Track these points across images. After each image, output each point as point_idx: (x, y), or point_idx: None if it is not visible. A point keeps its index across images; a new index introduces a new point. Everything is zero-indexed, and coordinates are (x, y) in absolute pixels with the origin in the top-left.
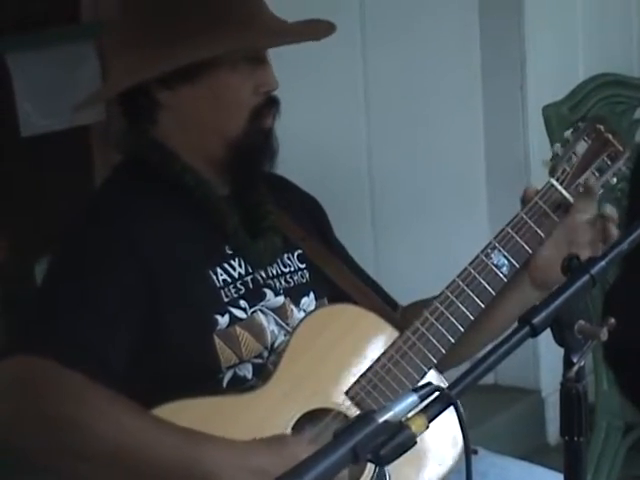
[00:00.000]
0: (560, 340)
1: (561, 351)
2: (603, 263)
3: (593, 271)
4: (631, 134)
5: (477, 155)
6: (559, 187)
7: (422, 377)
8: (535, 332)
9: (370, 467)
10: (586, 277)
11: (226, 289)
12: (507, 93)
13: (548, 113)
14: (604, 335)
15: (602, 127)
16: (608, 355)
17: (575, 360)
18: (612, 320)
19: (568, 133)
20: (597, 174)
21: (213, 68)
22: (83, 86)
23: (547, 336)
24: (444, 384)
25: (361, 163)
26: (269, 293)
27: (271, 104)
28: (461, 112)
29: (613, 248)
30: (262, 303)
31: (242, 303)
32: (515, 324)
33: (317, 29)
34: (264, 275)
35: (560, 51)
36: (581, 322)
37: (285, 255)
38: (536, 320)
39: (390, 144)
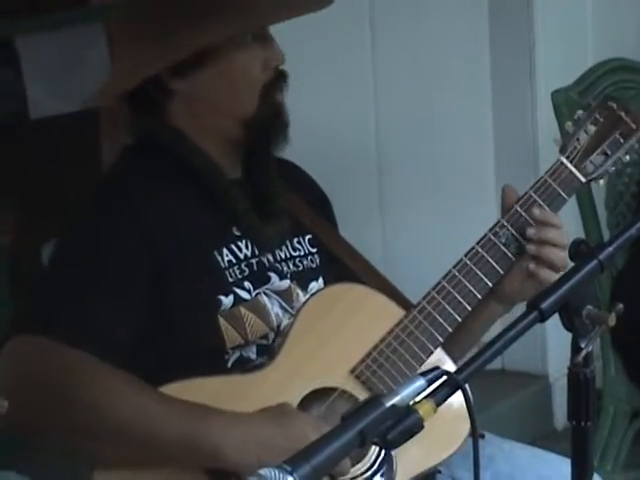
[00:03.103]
0: (568, 325)
1: (569, 336)
2: (611, 249)
3: (601, 257)
4: None
5: (486, 140)
6: (569, 165)
7: (428, 356)
8: (543, 317)
9: (374, 448)
10: (594, 262)
11: (231, 270)
12: (516, 78)
13: (557, 98)
14: (612, 321)
15: (614, 105)
16: (616, 341)
17: (583, 345)
18: (620, 306)
19: (580, 112)
20: (609, 152)
21: (223, 50)
22: (92, 69)
23: (554, 321)
24: (451, 365)
25: (369, 147)
26: (274, 276)
27: (280, 78)
28: (470, 97)
29: (622, 233)
30: (266, 286)
31: (247, 284)
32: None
33: (317, 3)
34: (271, 258)
35: (569, 36)
36: (589, 307)
37: (295, 239)
38: (544, 305)
39: (398, 129)
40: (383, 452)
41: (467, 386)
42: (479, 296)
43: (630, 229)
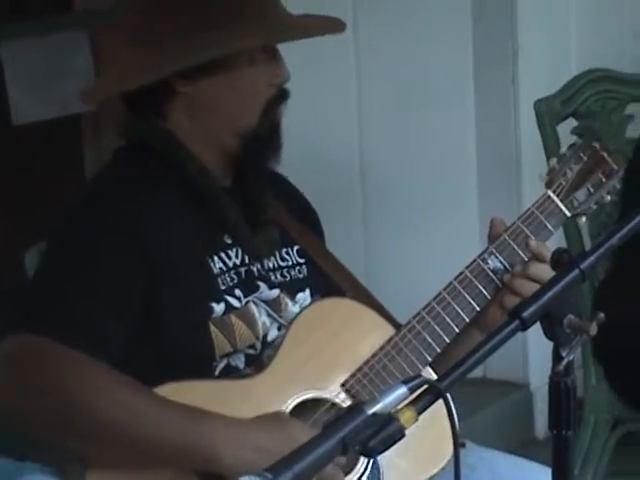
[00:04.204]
0: (550, 334)
1: (550, 345)
2: (593, 258)
3: (583, 266)
4: (622, 130)
5: (469, 149)
6: (555, 199)
7: (417, 374)
8: (525, 326)
9: (363, 460)
10: (575, 272)
11: (222, 277)
12: (499, 87)
13: (540, 107)
14: (593, 330)
15: (598, 145)
16: (597, 350)
17: (564, 354)
18: (601, 315)
19: (564, 149)
20: (592, 190)
21: (234, 61)
22: (75, 75)
23: (536, 330)
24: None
25: (353, 159)
26: (263, 285)
27: (283, 96)
28: (453, 106)
29: (603, 243)
30: (255, 295)
31: (237, 292)
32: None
33: (332, 23)
34: (260, 267)
35: (553, 45)
36: (570, 317)
37: (284, 249)
38: (526, 314)
39: (382, 139)
40: (370, 462)
41: (448, 395)
42: (467, 319)
43: (611, 238)
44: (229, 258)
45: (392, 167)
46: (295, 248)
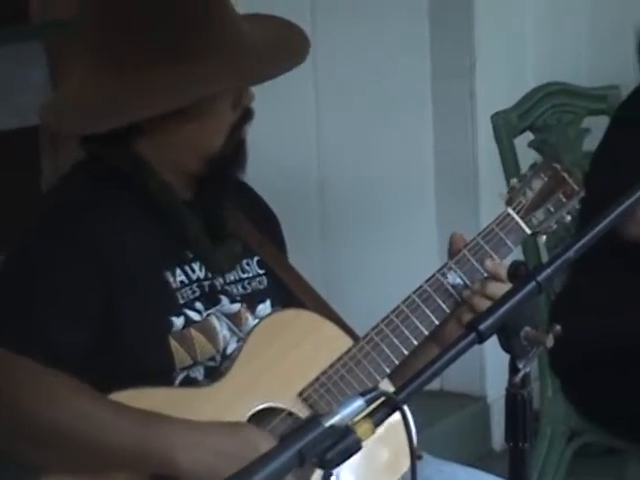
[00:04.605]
0: (506, 346)
1: (507, 357)
2: (549, 270)
3: (539, 278)
4: (579, 143)
5: (426, 161)
6: (515, 216)
7: (374, 385)
8: (481, 338)
9: (318, 473)
10: (532, 284)
11: (182, 291)
12: (457, 99)
13: (497, 121)
14: (549, 342)
15: (558, 166)
16: (554, 362)
17: (520, 366)
18: (557, 327)
19: (525, 169)
20: (552, 209)
21: (205, 99)
22: (32, 87)
23: (493, 342)
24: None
25: (311, 171)
26: (224, 299)
27: (248, 116)
28: (411, 118)
29: (560, 256)
30: (217, 308)
31: (198, 305)
32: None
33: (296, 49)
34: (222, 281)
35: (510, 58)
36: (527, 329)
37: (244, 261)
38: (482, 326)
39: (340, 152)
40: (327, 474)
41: (405, 407)
42: (425, 332)
43: (568, 251)
44: (193, 271)
45: (350, 180)
46: (255, 259)
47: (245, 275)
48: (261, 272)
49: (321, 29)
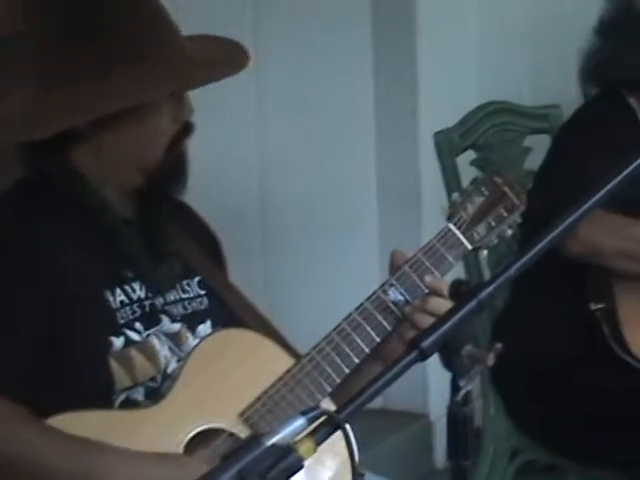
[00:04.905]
0: (447, 364)
1: (450, 375)
2: (490, 289)
3: (481, 296)
4: (521, 162)
5: (369, 178)
6: (456, 232)
7: (316, 404)
8: (423, 356)
9: None
10: (474, 302)
11: (122, 311)
12: (399, 117)
13: (439, 139)
14: (491, 360)
15: (500, 180)
16: (496, 380)
17: (462, 384)
18: (499, 345)
19: (467, 184)
20: (493, 224)
21: (140, 109)
22: None
23: (436, 360)
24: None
25: (252, 188)
26: (165, 319)
27: (188, 130)
28: (353, 134)
29: (501, 274)
30: (157, 328)
31: (138, 326)
32: None
33: (234, 58)
34: (162, 301)
35: (452, 77)
36: (468, 347)
37: (185, 281)
38: (424, 344)
39: (282, 166)
40: None
41: (347, 425)
42: (367, 350)
43: (509, 269)
44: (133, 291)
45: (292, 195)
46: (196, 279)
47: (186, 295)
48: (202, 292)
49: (263, 45)
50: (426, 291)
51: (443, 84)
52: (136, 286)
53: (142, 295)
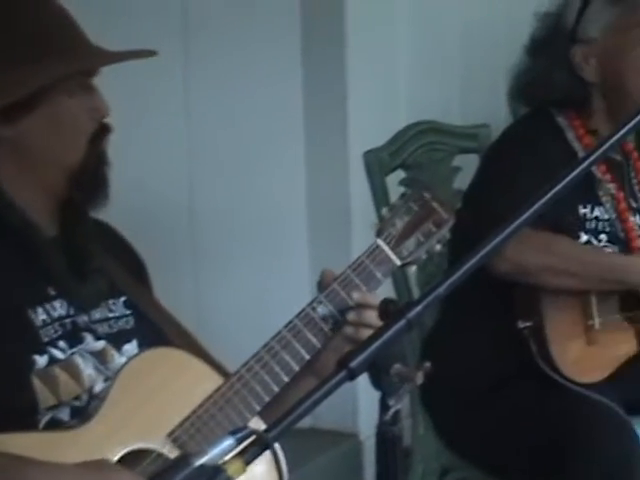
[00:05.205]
0: (376, 384)
1: (379, 394)
2: (419, 308)
3: (409, 315)
4: (450, 181)
5: (298, 196)
6: (385, 248)
7: (245, 424)
8: (352, 376)
9: None
10: (402, 321)
11: (45, 329)
12: (329, 136)
13: (369, 158)
14: (420, 379)
15: (428, 195)
16: (425, 399)
17: (391, 403)
18: (428, 364)
19: (396, 199)
20: (422, 239)
21: (52, 95)
22: None
23: (366, 379)
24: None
25: (182, 206)
26: (89, 337)
27: (105, 130)
28: (283, 153)
29: (430, 292)
30: (81, 346)
31: (62, 344)
32: None
33: (142, 51)
34: (86, 319)
35: (382, 96)
36: (397, 366)
37: (111, 301)
38: (353, 364)
39: (211, 183)
40: None
41: (276, 445)
42: (296, 368)
43: (438, 288)
44: (54, 309)
45: (222, 215)
46: (122, 299)
47: (111, 314)
48: (127, 312)
49: (193, 59)
50: (354, 307)
51: (373, 103)
52: (57, 304)
53: (63, 313)
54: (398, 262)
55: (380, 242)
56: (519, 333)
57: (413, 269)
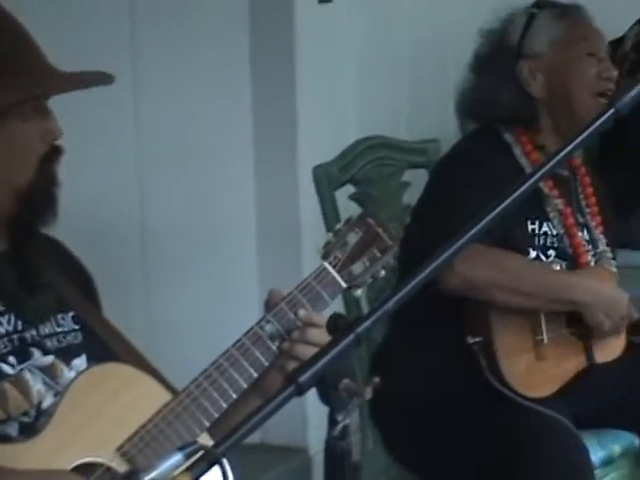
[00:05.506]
0: (325, 399)
1: (328, 409)
2: (368, 323)
3: (358, 330)
4: (399, 196)
5: (248, 213)
6: (332, 271)
7: (194, 439)
8: (301, 391)
9: None
10: (351, 336)
11: None
12: (279, 151)
13: (318, 173)
14: (368, 393)
15: (372, 221)
16: (374, 414)
17: (340, 418)
18: (376, 379)
19: (340, 224)
20: (368, 264)
21: (5, 120)
22: None
23: (315, 394)
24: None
25: (133, 224)
26: (37, 352)
27: (57, 152)
28: (233, 169)
29: (379, 307)
30: (30, 362)
31: (11, 359)
32: None
33: (101, 76)
34: (35, 334)
35: (332, 112)
36: (346, 381)
37: (60, 315)
38: (302, 379)
39: (161, 200)
40: None
41: (225, 460)
42: (245, 385)
43: (387, 303)
44: (1, 325)
45: (172, 233)
46: (70, 314)
47: (60, 329)
48: (76, 327)
49: (141, 74)
50: (301, 325)
51: (322, 118)
52: (4, 319)
53: (10, 329)
54: (344, 285)
55: (327, 265)
56: (469, 348)
57: (359, 292)
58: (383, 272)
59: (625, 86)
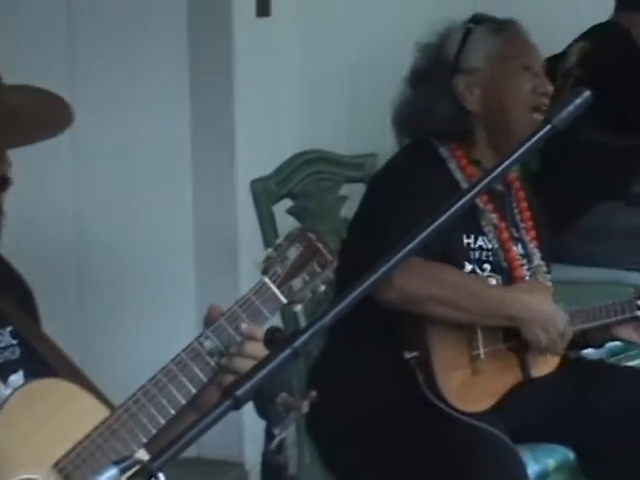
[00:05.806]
0: (262, 413)
1: (265, 423)
2: (305, 337)
3: (295, 344)
4: (336, 210)
5: (185, 228)
6: (272, 286)
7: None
8: (237, 405)
9: None
10: (288, 350)
11: None
12: (217, 165)
13: (256, 187)
14: (305, 408)
15: (313, 236)
16: (311, 428)
17: (276, 432)
18: (313, 393)
19: (281, 239)
20: (308, 279)
21: None
22: None
23: (252, 408)
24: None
25: (68, 240)
26: None
27: (4, 184)
28: (170, 183)
29: (316, 321)
30: None
31: None
32: None
33: (59, 117)
34: None
35: (270, 125)
36: (283, 395)
37: None
38: (239, 393)
39: (98, 217)
40: None
41: (161, 475)
42: (183, 401)
43: (325, 317)
44: None
45: (110, 248)
46: (8, 329)
47: None
48: (14, 342)
49: (79, 93)
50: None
51: (260, 132)
52: None
53: None
54: (284, 300)
55: (267, 280)
56: (405, 363)
57: (299, 307)
58: (323, 287)
59: (562, 101)
